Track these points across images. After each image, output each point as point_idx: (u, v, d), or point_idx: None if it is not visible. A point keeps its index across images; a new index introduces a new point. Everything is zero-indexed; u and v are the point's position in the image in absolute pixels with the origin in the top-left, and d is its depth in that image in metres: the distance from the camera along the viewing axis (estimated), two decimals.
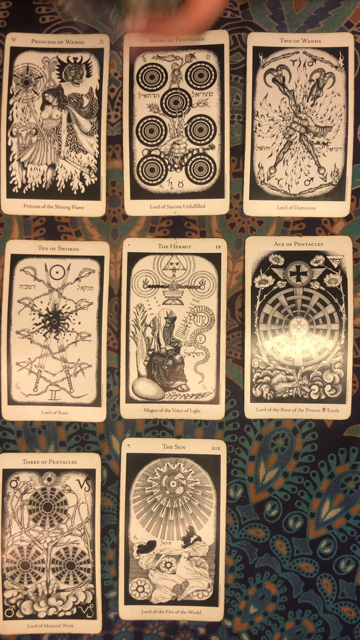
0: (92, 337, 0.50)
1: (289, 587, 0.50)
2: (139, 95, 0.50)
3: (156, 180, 0.50)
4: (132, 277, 0.50)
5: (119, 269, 0.50)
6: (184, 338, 0.50)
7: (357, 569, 0.50)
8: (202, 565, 0.50)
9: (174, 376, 0.50)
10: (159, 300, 0.50)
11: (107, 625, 0.50)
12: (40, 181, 0.50)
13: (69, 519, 0.50)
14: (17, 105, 0.50)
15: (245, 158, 0.50)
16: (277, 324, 0.50)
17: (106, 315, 0.50)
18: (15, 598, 0.50)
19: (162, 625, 0.50)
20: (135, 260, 0.50)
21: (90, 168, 0.50)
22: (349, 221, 0.50)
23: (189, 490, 0.50)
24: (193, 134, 0.50)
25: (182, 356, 0.50)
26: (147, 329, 0.50)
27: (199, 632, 0.50)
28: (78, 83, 0.50)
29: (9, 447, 0.50)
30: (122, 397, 0.50)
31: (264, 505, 0.50)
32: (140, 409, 0.50)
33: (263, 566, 0.50)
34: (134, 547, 0.50)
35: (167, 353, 0.50)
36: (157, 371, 0.50)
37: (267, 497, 0.50)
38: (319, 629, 0.50)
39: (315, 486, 0.50)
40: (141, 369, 0.50)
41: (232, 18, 0.50)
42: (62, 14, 0.40)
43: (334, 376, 0.49)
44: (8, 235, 0.50)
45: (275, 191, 0.50)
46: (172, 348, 0.50)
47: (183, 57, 0.50)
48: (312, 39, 0.50)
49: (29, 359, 0.50)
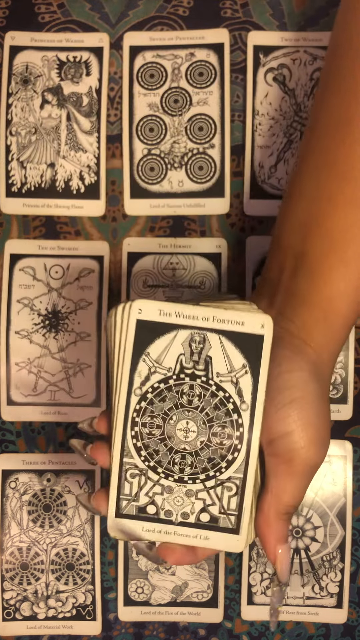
0: (92, 337, 0.50)
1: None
2: (138, 94, 0.50)
3: (156, 179, 0.50)
4: (132, 277, 0.50)
5: (119, 269, 0.50)
6: None
7: (358, 570, 0.50)
8: (202, 567, 0.49)
9: None
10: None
11: (106, 626, 0.50)
12: (39, 180, 0.50)
13: (68, 520, 0.49)
14: (16, 104, 0.50)
15: (246, 157, 0.50)
16: None
17: (106, 315, 0.50)
18: (15, 599, 0.49)
19: (162, 626, 0.50)
20: (135, 260, 0.50)
21: (89, 167, 0.50)
22: None
23: None
24: (193, 133, 0.50)
25: None
26: None
27: (199, 633, 0.50)
28: (78, 82, 0.50)
29: (8, 448, 0.50)
30: None
31: None
32: None
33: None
34: (133, 548, 0.49)
35: None
36: None
37: None
38: (320, 630, 0.50)
39: None
40: None
41: (232, 17, 0.50)
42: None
43: (335, 376, 0.49)
44: (7, 234, 0.50)
45: (276, 190, 0.50)
46: None
47: (183, 56, 0.50)
48: (312, 37, 0.50)
49: (28, 359, 0.50)
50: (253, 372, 0.33)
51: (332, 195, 0.35)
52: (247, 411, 0.34)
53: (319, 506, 0.49)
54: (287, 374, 0.34)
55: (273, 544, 0.35)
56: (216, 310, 0.33)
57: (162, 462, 0.34)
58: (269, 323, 0.33)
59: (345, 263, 0.35)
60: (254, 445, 0.34)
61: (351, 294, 0.35)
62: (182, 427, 0.34)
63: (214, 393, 0.34)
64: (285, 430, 0.34)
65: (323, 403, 0.35)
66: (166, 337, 0.34)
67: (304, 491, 0.35)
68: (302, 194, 0.37)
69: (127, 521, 0.35)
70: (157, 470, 0.34)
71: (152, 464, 0.34)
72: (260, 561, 0.49)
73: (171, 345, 0.34)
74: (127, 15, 0.50)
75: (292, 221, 0.37)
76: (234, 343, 0.33)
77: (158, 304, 0.34)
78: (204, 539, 0.35)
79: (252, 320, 0.33)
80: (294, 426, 0.34)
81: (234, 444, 0.34)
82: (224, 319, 0.33)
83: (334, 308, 0.35)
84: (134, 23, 0.50)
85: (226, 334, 0.33)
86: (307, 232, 0.36)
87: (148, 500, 0.35)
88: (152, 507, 0.35)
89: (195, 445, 0.34)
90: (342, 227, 0.35)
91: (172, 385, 0.34)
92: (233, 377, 0.34)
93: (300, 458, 0.34)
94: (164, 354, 0.34)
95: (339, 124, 0.36)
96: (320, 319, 0.35)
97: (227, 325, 0.33)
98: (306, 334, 0.35)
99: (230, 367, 0.34)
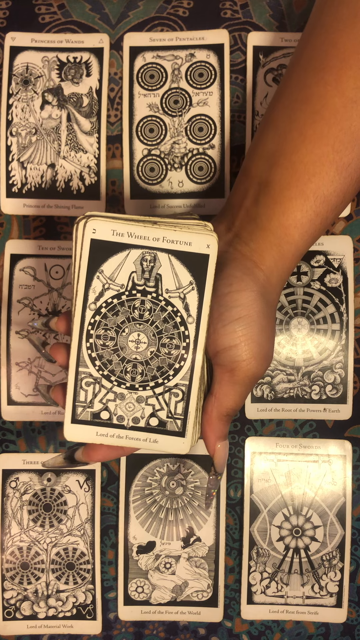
0: None
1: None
2: (138, 94, 0.50)
3: (156, 180, 0.50)
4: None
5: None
6: None
7: (358, 570, 0.50)
8: (202, 566, 0.49)
9: None
10: None
11: (107, 626, 0.50)
12: (39, 181, 0.50)
13: (68, 519, 0.49)
14: (16, 104, 0.50)
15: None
16: (278, 324, 0.50)
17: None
18: (15, 599, 0.49)
19: (162, 626, 0.50)
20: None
21: (90, 168, 0.50)
22: (349, 221, 0.50)
23: (188, 491, 0.49)
24: (193, 134, 0.50)
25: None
26: None
27: (199, 632, 0.50)
28: (78, 82, 0.50)
29: (8, 448, 0.50)
30: None
31: None
32: None
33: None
34: (133, 547, 0.49)
35: None
36: None
37: None
38: (319, 629, 0.50)
39: None
40: None
41: (232, 17, 0.50)
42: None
43: (335, 376, 0.49)
44: (7, 235, 0.50)
45: None
46: None
47: (183, 57, 0.50)
48: None
49: (28, 359, 0.50)
50: (199, 289, 0.36)
51: (303, 129, 0.38)
52: (193, 324, 0.36)
53: (318, 506, 0.49)
54: (236, 293, 0.37)
55: (213, 440, 0.39)
56: (166, 232, 0.36)
57: (115, 370, 0.37)
58: (214, 243, 0.36)
59: (304, 196, 0.37)
60: (198, 354, 0.36)
61: (305, 224, 0.38)
62: (134, 338, 0.37)
63: (163, 308, 0.36)
64: (230, 344, 0.37)
65: (268, 322, 0.38)
66: (119, 256, 0.36)
67: (244, 397, 0.39)
68: (275, 126, 0.39)
69: (83, 426, 0.37)
70: (110, 379, 0.37)
71: (106, 372, 0.37)
72: (260, 561, 0.49)
73: (124, 263, 0.36)
74: (127, 16, 0.50)
75: (262, 151, 0.40)
76: (182, 262, 0.36)
77: (111, 224, 0.36)
78: (153, 441, 0.37)
79: (199, 240, 0.36)
80: (238, 341, 0.37)
81: (181, 353, 0.37)
82: (173, 239, 0.36)
83: (288, 236, 0.38)
84: (134, 24, 0.50)
85: (175, 254, 0.36)
86: (274, 162, 0.38)
87: (102, 407, 0.37)
88: (105, 413, 0.37)
89: (145, 355, 0.37)
90: (307, 161, 0.37)
91: (125, 300, 0.36)
92: (181, 293, 0.36)
93: (242, 370, 0.37)
94: (117, 271, 0.36)
95: (317, 65, 0.38)
96: (274, 244, 0.38)
97: (176, 245, 0.36)
98: (259, 257, 0.38)
99: (178, 284, 0.36)
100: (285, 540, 0.49)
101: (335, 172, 0.37)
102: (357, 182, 0.38)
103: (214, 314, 0.37)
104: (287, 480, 0.49)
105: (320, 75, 0.38)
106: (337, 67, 0.37)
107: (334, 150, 0.37)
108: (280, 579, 0.49)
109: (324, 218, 0.38)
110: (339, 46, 0.37)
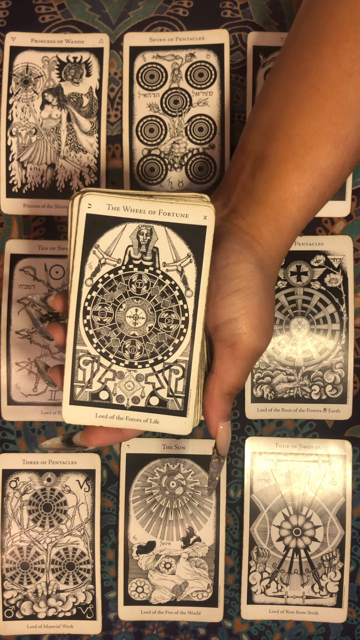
0: None
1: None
2: (138, 94, 0.50)
3: (156, 180, 0.50)
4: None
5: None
6: None
7: (358, 570, 0.50)
8: (202, 566, 0.49)
9: None
10: None
11: (106, 625, 0.50)
12: (39, 181, 0.50)
13: (68, 519, 0.49)
14: (16, 104, 0.50)
15: None
16: (278, 324, 0.50)
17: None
18: (15, 599, 0.49)
19: (162, 625, 0.50)
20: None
21: (90, 168, 0.50)
22: (349, 221, 0.50)
23: (188, 491, 0.49)
24: (193, 134, 0.50)
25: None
26: None
27: (199, 632, 0.50)
28: (78, 82, 0.50)
29: (8, 448, 0.50)
30: None
31: None
32: None
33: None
34: (133, 547, 0.49)
35: None
36: None
37: None
38: (319, 629, 0.50)
39: None
40: None
41: (232, 17, 0.50)
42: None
43: (334, 376, 0.49)
44: (7, 235, 0.50)
45: None
46: None
47: (183, 57, 0.50)
48: None
49: (28, 359, 0.50)
50: (197, 261, 0.35)
51: (300, 103, 0.37)
52: (192, 297, 0.36)
53: (318, 506, 0.49)
54: (234, 265, 0.37)
55: (215, 420, 0.38)
56: (162, 204, 0.35)
57: (113, 348, 0.36)
58: (211, 214, 0.35)
59: (301, 169, 0.37)
60: (198, 328, 0.36)
61: (303, 198, 0.37)
62: (132, 314, 0.36)
63: (160, 282, 0.36)
64: (229, 317, 0.36)
65: (267, 294, 0.37)
66: (115, 230, 0.35)
67: (246, 374, 0.38)
68: (272, 99, 0.39)
69: (81, 408, 0.36)
70: (108, 357, 0.36)
71: (104, 350, 0.36)
72: (260, 561, 0.49)
73: (120, 237, 0.35)
74: (127, 16, 0.50)
75: (258, 125, 0.39)
76: (179, 234, 0.35)
77: (107, 199, 0.35)
78: (154, 422, 0.36)
79: (196, 212, 0.35)
80: (237, 314, 0.36)
81: (180, 328, 0.36)
82: (169, 211, 0.35)
83: (285, 210, 0.37)
84: (134, 24, 0.50)
85: (172, 226, 0.35)
86: (270, 136, 0.38)
87: (100, 387, 0.36)
88: (104, 393, 0.36)
89: (144, 331, 0.36)
90: (304, 134, 0.37)
91: (122, 275, 0.36)
92: (178, 266, 0.36)
93: (243, 343, 0.36)
94: (113, 246, 0.36)
95: (314, 39, 0.38)
96: (271, 218, 0.38)
97: (173, 217, 0.35)
98: (256, 230, 0.38)
99: (175, 257, 0.36)
100: (285, 540, 0.49)
101: (332, 145, 0.37)
102: (354, 155, 0.38)
103: (212, 287, 0.37)
104: (287, 480, 0.49)
105: (317, 48, 0.37)
106: (334, 40, 0.37)
107: (330, 123, 0.37)
108: (280, 579, 0.49)
109: (321, 192, 0.38)
110: (337, 17, 0.37)
